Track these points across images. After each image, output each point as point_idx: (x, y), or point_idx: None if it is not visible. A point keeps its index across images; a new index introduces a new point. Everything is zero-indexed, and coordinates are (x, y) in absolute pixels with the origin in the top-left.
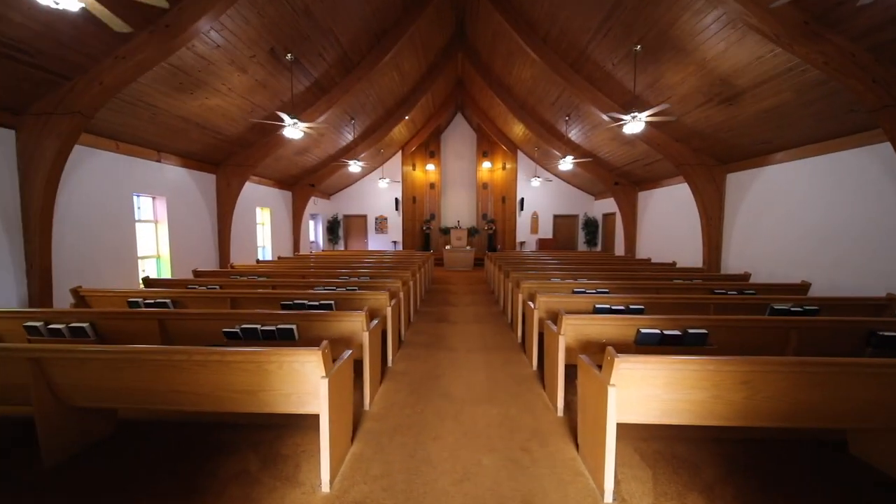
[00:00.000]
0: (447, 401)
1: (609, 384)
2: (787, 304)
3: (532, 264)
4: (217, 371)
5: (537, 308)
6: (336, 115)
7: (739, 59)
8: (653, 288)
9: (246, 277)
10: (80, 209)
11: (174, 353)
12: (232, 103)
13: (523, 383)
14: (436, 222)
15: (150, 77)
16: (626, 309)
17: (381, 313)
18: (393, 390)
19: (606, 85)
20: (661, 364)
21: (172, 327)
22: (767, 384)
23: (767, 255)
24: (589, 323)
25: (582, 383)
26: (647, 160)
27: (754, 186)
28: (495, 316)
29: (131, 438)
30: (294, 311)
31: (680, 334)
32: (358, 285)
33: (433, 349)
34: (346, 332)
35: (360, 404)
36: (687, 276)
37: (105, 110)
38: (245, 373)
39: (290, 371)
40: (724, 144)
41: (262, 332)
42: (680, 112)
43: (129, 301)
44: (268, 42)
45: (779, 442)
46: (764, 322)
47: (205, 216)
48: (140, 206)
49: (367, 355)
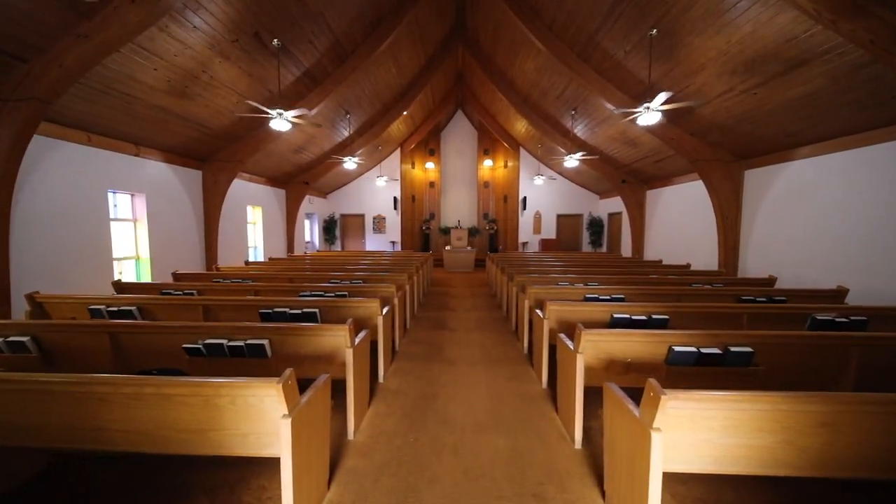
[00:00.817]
0: (445, 428)
1: (652, 428)
2: (830, 315)
3: (536, 266)
4: (156, 406)
5: (547, 318)
6: (330, 109)
7: (768, 41)
8: (672, 294)
9: (229, 281)
10: (46, 207)
11: (96, 384)
12: (215, 93)
13: (532, 404)
14: (435, 222)
15: (119, 61)
16: (648, 320)
17: (372, 322)
18: (383, 414)
19: (617, 75)
20: (719, 403)
21: (127, 342)
22: (854, 427)
23: (792, 257)
24: (612, 339)
25: (611, 418)
26: (658, 156)
27: (776, 183)
28: (498, 322)
29: (66, 478)
30: (271, 322)
31: (720, 353)
32: (349, 290)
33: (430, 361)
34: (326, 348)
35: (343, 432)
36: (705, 279)
37: (72, 98)
38: (190, 408)
39: (244, 407)
40: (745, 138)
41: (228, 347)
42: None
43: (90, 309)
44: (252, 26)
45: (862, 485)
46: (818, 339)
47: (189, 215)
48: (117, 204)
49: (351, 376)
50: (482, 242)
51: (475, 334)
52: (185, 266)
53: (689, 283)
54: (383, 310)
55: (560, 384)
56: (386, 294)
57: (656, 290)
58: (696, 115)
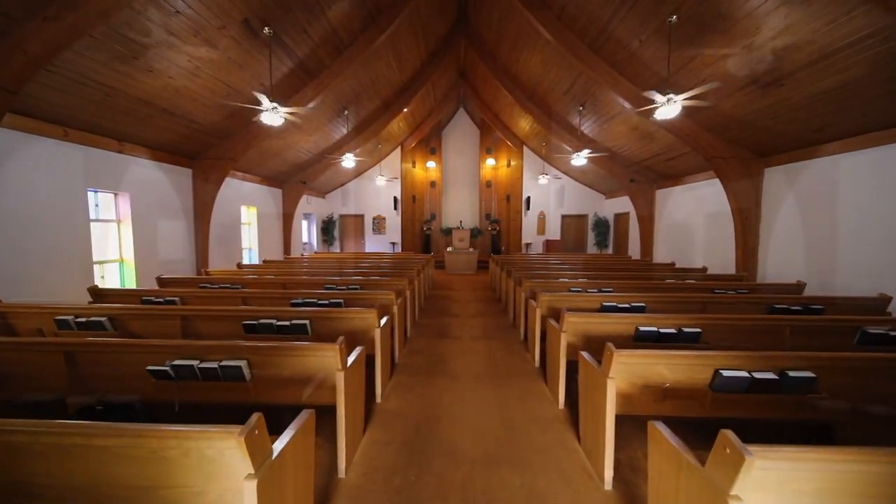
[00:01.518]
0: (451, 461)
1: (730, 496)
2: (883, 327)
3: (543, 269)
4: (89, 458)
5: (565, 331)
6: (327, 105)
7: (802, 25)
8: (696, 301)
9: (217, 287)
10: (18, 206)
11: (6, 432)
12: (203, 85)
13: (550, 430)
14: (437, 222)
15: (93, 47)
16: (678, 333)
17: (369, 336)
18: (380, 442)
19: (630, 67)
20: (817, 461)
21: (85, 363)
22: None
23: (817, 261)
24: (649, 362)
25: (658, 469)
26: (670, 154)
27: (799, 182)
28: (504, 329)
29: None
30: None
31: (776, 378)
32: (346, 297)
33: (433, 376)
34: (314, 370)
35: (333, 467)
36: (727, 284)
37: (44, 88)
38: (133, 461)
39: (200, 460)
40: (767, 133)
41: (200, 370)
42: (717, 97)
43: (56, 320)
44: (240, 11)
45: None
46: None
47: (178, 216)
48: (98, 204)
49: (342, 404)
50: (484, 243)
51: (481, 343)
52: (174, 270)
53: (710, 288)
54: (381, 321)
55: (585, 412)
56: (385, 302)
57: (677, 297)
58: (715, 109)
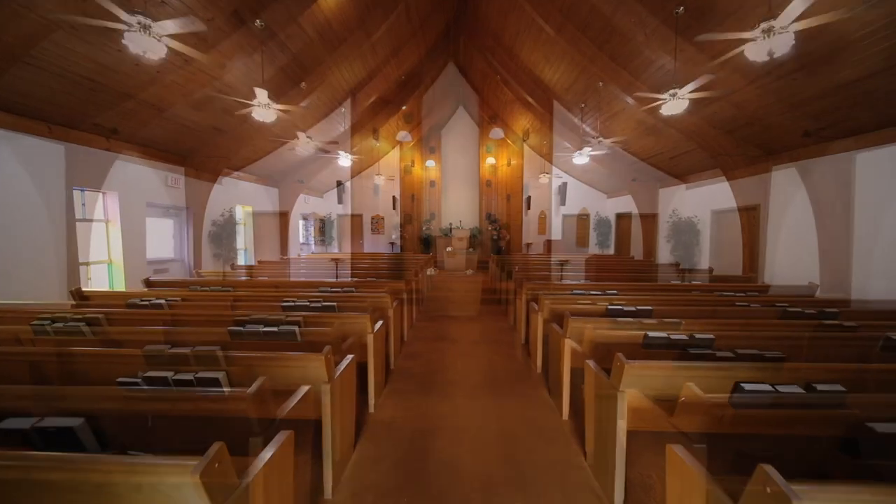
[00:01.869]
0: (449, 482)
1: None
2: None
3: (545, 270)
4: (27, 494)
5: (569, 337)
6: (323, 102)
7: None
8: (707, 303)
9: (207, 289)
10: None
11: None
12: (192, 80)
13: (555, 445)
14: (436, 222)
15: (74, 39)
16: (689, 339)
17: (361, 341)
18: (371, 459)
19: (633, 62)
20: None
21: (53, 374)
22: None
23: (827, 263)
24: (665, 374)
25: (679, 496)
26: (674, 152)
27: (809, 181)
28: (504, 333)
29: None
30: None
31: (803, 392)
32: (339, 299)
33: (430, 383)
34: (299, 380)
35: (318, 489)
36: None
37: (25, 82)
38: (79, 495)
39: (153, 495)
40: (777, 130)
41: (174, 381)
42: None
43: (32, 325)
44: (229, 2)
45: None
46: None
47: (170, 215)
48: (85, 203)
49: (328, 418)
50: (484, 244)
51: (480, 347)
52: (166, 271)
53: (716, 290)
54: (375, 326)
55: (591, 425)
56: (381, 304)
57: (684, 299)
58: (723, 104)
